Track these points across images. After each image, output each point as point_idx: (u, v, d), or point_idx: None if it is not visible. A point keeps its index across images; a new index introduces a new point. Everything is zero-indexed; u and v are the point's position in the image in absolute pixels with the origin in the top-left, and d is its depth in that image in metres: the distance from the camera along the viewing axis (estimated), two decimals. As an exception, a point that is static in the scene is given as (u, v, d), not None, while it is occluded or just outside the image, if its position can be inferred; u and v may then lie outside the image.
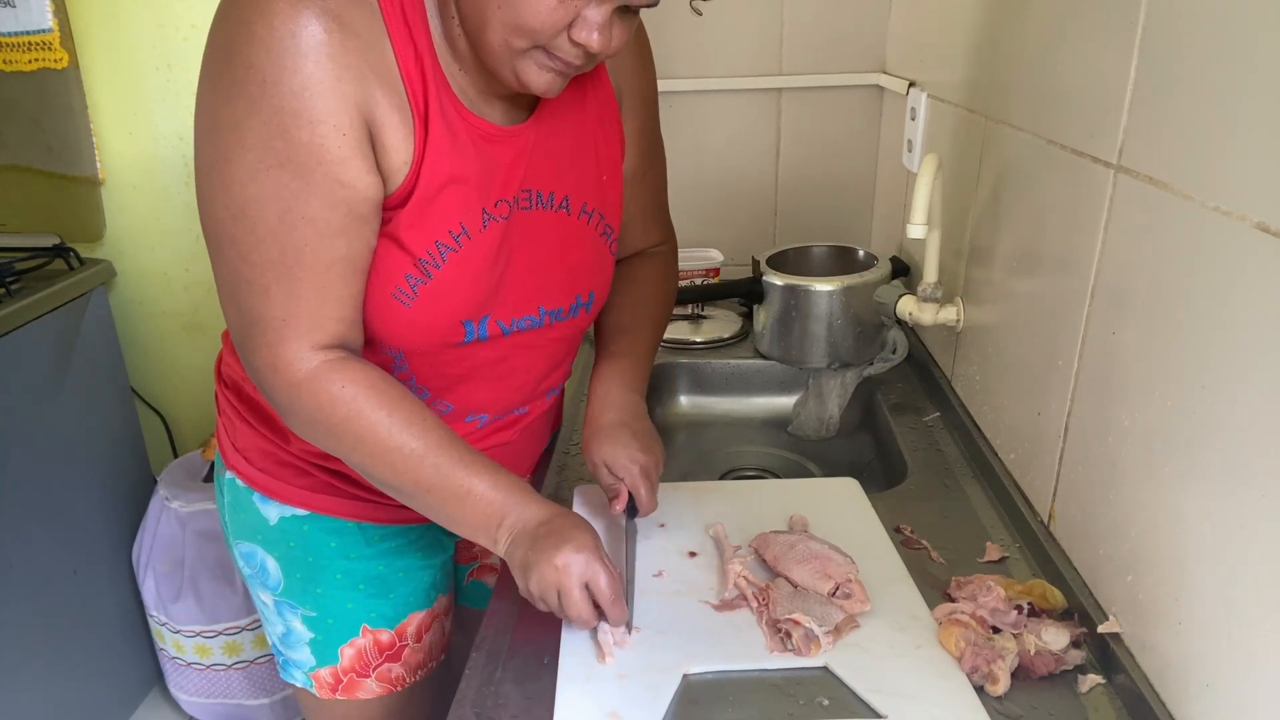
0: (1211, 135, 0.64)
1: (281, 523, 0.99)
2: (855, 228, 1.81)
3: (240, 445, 1.00)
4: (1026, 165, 0.99)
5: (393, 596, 1.04)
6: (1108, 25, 0.80)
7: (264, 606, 1.06)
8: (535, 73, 0.77)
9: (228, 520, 1.04)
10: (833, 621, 0.81)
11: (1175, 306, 0.69)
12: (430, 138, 0.78)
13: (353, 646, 1.04)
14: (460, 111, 0.81)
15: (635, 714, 0.73)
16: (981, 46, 1.14)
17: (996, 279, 1.09)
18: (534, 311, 0.91)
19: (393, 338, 0.85)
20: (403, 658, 1.06)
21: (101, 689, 1.96)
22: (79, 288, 1.84)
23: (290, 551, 1.00)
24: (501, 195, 0.85)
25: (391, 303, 0.82)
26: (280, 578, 1.02)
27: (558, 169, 0.90)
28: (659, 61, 1.03)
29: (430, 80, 0.78)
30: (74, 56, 1.87)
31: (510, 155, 0.85)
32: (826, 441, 1.41)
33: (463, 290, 0.84)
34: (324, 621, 1.02)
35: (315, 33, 0.70)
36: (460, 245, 0.82)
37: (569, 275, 0.93)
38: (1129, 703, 0.74)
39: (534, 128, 0.87)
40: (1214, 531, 0.64)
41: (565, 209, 0.91)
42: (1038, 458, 0.96)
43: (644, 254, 1.10)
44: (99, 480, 1.93)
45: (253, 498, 1.00)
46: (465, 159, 0.81)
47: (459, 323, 0.86)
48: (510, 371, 0.95)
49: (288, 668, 1.07)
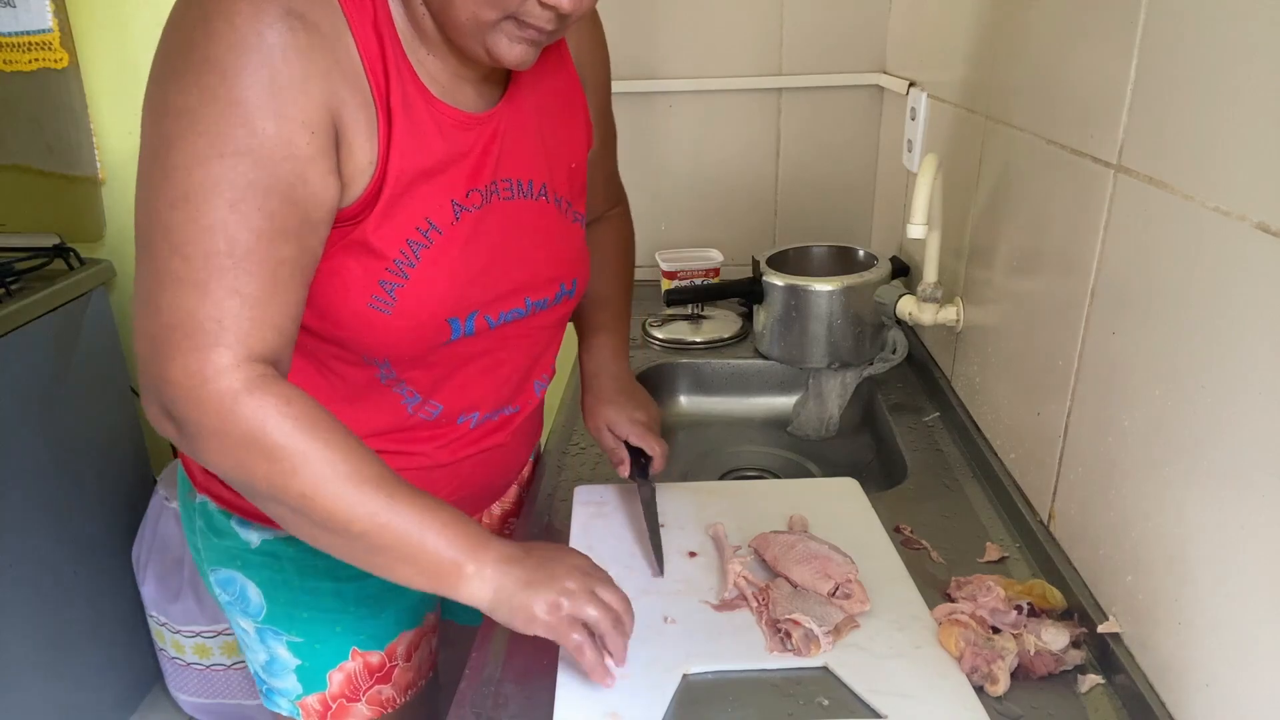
0: (1211, 135, 0.64)
1: (264, 545, 0.94)
2: (855, 228, 1.81)
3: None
4: (1026, 165, 0.99)
5: (383, 616, 0.99)
6: (1108, 25, 0.80)
7: (244, 634, 1.00)
8: (507, 45, 0.74)
9: (201, 547, 0.98)
10: (832, 621, 0.81)
11: (1175, 306, 0.69)
12: (394, 133, 0.75)
13: (342, 671, 0.99)
14: (428, 100, 0.77)
15: (635, 714, 0.73)
16: (981, 46, 1.14)
17: (996, 279, 1.09)
18: (520, 304, 0.89)
19: (379, 349, 0.81)
20: (393, 678, 1.02)
21: (101, 689, 1.96)
22: (79, 288, 1.85)
23: (274, 576, 0.95)
24: (473, 184, 0.82)
25: (371, 314, 0.78)
26: (263, 604, 0.96)
27: (532, 156, 0.87)
28: (659, 61, 1.03)
29: (393, 71, 0.74)
30: (74, 56, 1.87)
31: (483, 142, 0.82)
32: (826, 441, 1.41)
33: (442, 286, 0.81)
34: (311, 647, 0.98)
35: (280, 32, 0.67)
36: (432, 241, 0.79)
37: (553, 264, 0.91)
38: (1129, 703, 0.74)
39: (505, 111, 0.84)
40: (1214, 531, 0.64)
41: (545, 197, 0.89)
42: (1038, 458, 0.96)
43: (602, 219, 1.11)
44: (99, 480, 1.93)
45: (231, 522, 0.94)
46: (432, 151, 0.78)
47: (444, 322, 0.83)
48: (498, 363, 0.92)
49: (272, 696, 1.02)
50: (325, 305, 0.79)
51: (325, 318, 0.80)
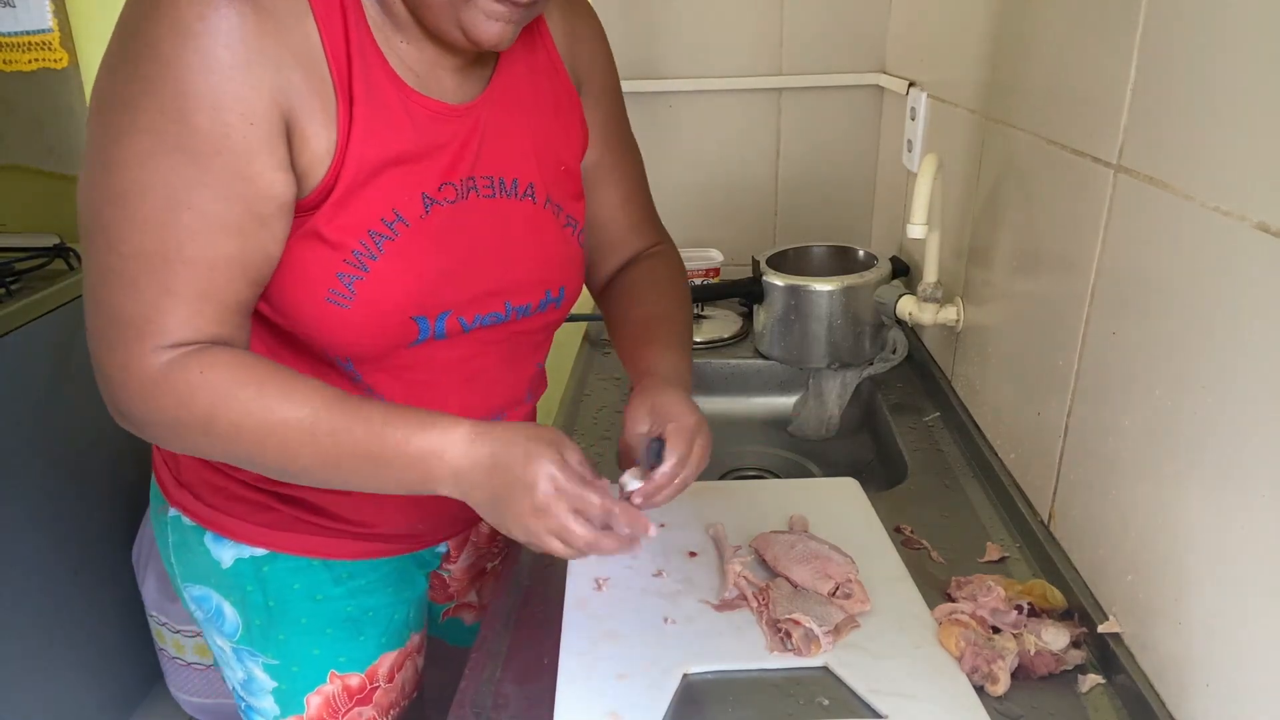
0: (1211, 135, 0.64)
1: (237, 565, 0.90)
2: (855, 228, 1.81)
3: (186, 479, 0.91)
4: (1026, 165, 0.99)
5: (363, 638, 0.96)
6: (1108, 25, 0.80)
7: (220, 652, 0.97)
8: (483, 23, 0.71)
9: (174, 562, 0.95)
10: (833, 621, 0.81)
11: (1175, 306, 0.69)
12: (355, 121, 0.72)
13: (320, 694, 0.95)
14: (399, 87, 0.75)
15: (635, 714, 0.73)
16: (981, 46, 1.14)
17: (996, 279, 1.09)
18: (499, 308, 0.85)
19: (338, 345, 0.78)
20: (373, 699, 0.99)
21: (101, 689, 1.96)
22: (79, 288, 1.83)
23: (248, 596, 0.91)
24: (448, 178, 0.79)
25: (328, 308, 0.75)
26: (238, 623, 0.93)
27: (516, 155, 0.84)
28: (660, 62, 1.03)
29: (356, 56, 0.72)
30: (74, 56, 1.87)
31: (461, 135, 0.79)
32: (826, 441, 1.41)
33: (406, 282, 0.77)
34: (288, 669, 0.94)
35: (226, 15, 0.65)
36: (397, 233, 0.76)
37: (537, 268, 0.87)
38: (1129, 703, 0.74)
39: (486, 106, 0.81)
40: (1214, 531, 0.64)
41: (530, 197, 0.85)
42: (1038, 458, 0.96)
43: (648, 254, 1.03)
44: (99, 480, 1.93)
45: (204, 538, 0.91)
46: (401, 140, 0.75)
47: (408, 319, 0.79)
48: (479, 371, 0.88)
49: (250, 715, 0.99)
50: (279, 298, 0.76)
51: (281, 311, 0.77)
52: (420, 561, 1.02)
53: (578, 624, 0.84)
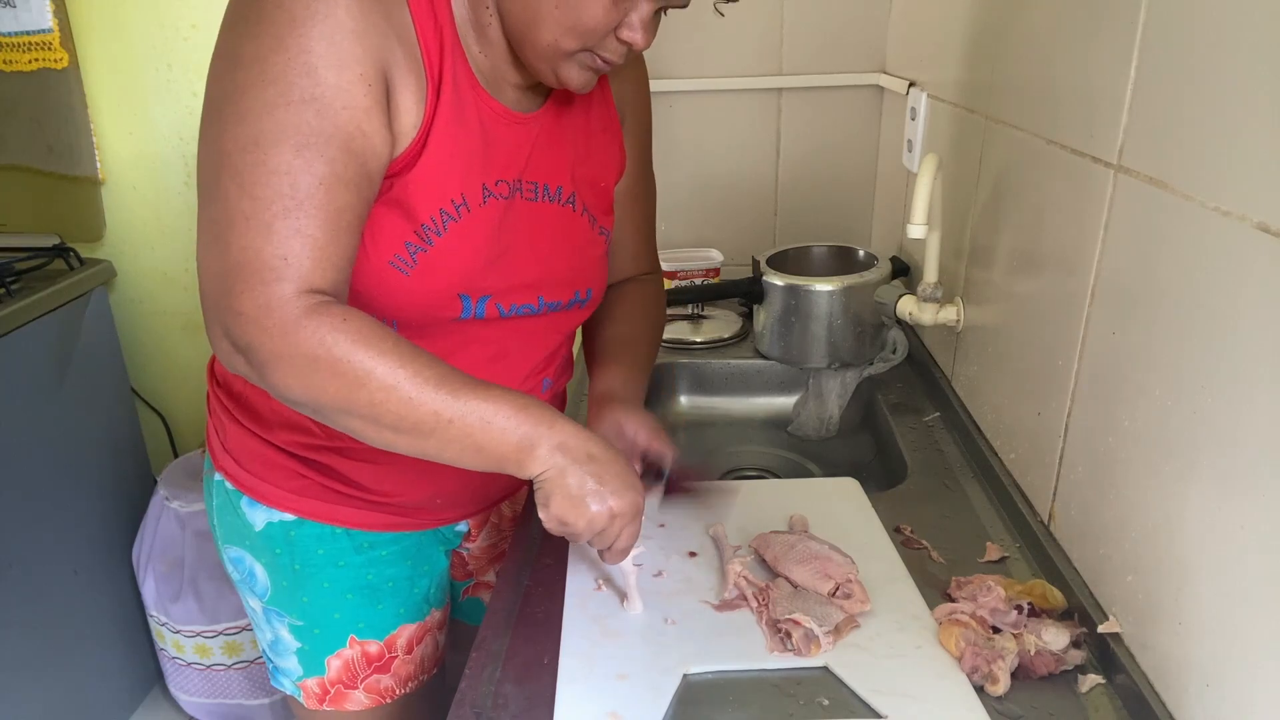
0: (1211, 135, 0.64)
1: (268, 528, 0.98)
2: (855, 228, 1.81)
3: (230, 445, 0.99)
4: (1026, 165, 0.99)
5: (381, 607, 1.02)
6: (1108, 25, 0.80)
7: (253, 612, 1.05)
8: (577, 72, 0.80)
9: (216, 523, 1.03)
10: (833, 621, 0.81)
11: (1175, 306, 0.69)
12: (441, 106, 0.79)
13: (340, 658, 1.02)
14: (474, 87, 0.82)
15: (635, 714, 0.73)
16: (981, 46, 1.15)
17: (996, 279, 1.09)
18: (533, 300, 0.92)
19: (389, 308, 0.83)
20: (392, 669, 1.05)
21: (101, 689, 1.96)
22: (79, 288, 1.85)
23: (277, 558, 0.99)
24: (503, 175, 0.86)
25: (390, 271, 0.81)
26: (268, 584, 1.00)
27: (562, 165, 0.92)
28: (660, 62, 1.05)
29: (448, 52, 0.79)
30: (74, 56, 1.87)
31: (516, 139, 0.87)
32: (826, 441, 1.41)
33: (462, 260, 0.84)
34: (310, 631, 1.01)
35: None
36: (460, 215, 0.83)
37: (571, 269, 0.94)
38: (1129, 703, 0.74)
39: (541, 120, 0.89)
40: (1214, 531, 0.64)
41: (571, 205, 0.93)
42: (1038, 458, 0.96)
43: (636, 279, 1.11)
44: (99, 480, 1.93)
45: (241, 502, 0.98)
46: (471, 133, 0.82)
47: (456, 295, 0.85)
48: (501, 354, 0.94)
49: (277, 675, 1.06)
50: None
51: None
52: (441, 539, 1.08)
53: (578, 624, 0.84)
